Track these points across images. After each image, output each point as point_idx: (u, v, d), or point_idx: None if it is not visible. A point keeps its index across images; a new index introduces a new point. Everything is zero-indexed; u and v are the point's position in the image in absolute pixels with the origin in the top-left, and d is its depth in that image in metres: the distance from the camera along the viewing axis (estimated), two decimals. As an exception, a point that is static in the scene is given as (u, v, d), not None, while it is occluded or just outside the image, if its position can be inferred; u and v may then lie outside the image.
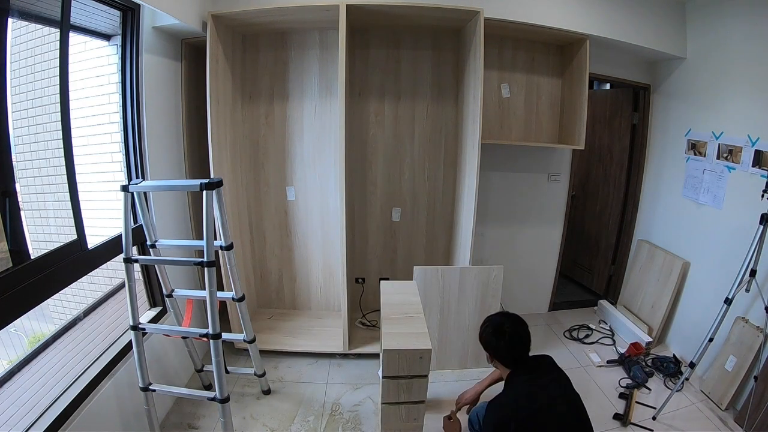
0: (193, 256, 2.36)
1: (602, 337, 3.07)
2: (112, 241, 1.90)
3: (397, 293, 1.96)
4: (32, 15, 1.56)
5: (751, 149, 2.30)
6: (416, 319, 1.72)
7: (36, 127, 1.70)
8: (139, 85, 2.08)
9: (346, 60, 2.26)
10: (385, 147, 2.86)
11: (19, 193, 1.49)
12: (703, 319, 2.42)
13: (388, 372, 1.54)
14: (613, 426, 2.22)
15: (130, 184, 1.76)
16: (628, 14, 2.59)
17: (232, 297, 2.07)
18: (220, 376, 1.81)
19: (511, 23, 2.43)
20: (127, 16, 2.01)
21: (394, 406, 1.61)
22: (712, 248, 2.58)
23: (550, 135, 2.93)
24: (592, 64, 2.58)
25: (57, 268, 1.56)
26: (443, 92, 2.77)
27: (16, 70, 1.54)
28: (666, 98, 2.99)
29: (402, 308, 1.81)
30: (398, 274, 3.09)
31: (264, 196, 2.93)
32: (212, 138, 2.32)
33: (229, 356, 2.64)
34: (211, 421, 2.16)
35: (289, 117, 2.78)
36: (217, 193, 1.79)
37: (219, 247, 1.94)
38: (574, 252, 3.89)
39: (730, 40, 2.46)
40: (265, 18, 2.35)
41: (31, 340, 1.80)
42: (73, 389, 1.67)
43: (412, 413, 1.64)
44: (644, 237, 3.23)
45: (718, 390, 2.35)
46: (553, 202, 3.17)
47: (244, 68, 2.70)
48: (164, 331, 1.98)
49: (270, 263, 3.06)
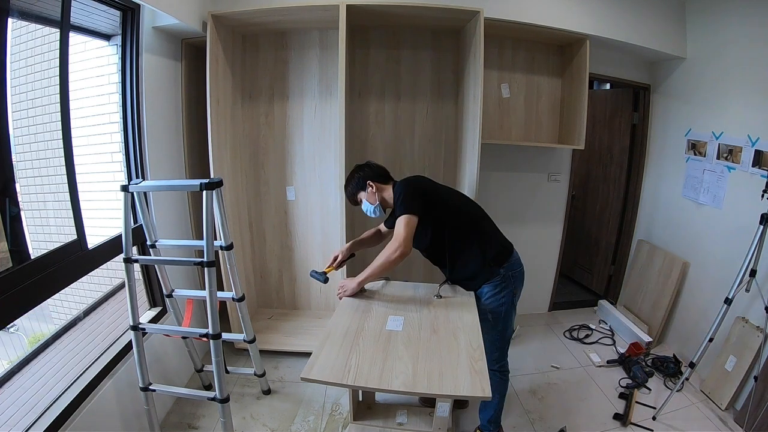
0: (193, 256, 2.36)
1: (602, 337, 3.07)
2: (112, 241, 1.90)
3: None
4: (32, 15, 1.56)
5: (751, 149, 2.30)
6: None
7: (36, 127, 1.70)
8: (139, 85, 2.08)
9: (346, 60, 2.26)
10: (385, 147, 2.86)
11: (19, 193, 1.49)
12: (703, 319, 2.42)
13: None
14: (613, 426, 2.22)
15: (130, 184, 1.76)
16: (628, 14, 2.60)
17: (232, 297, 2.07)
18: (220, 376, 1.81)
19: (511, 23, 2.43)
20: (127, 16, 2.01)
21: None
22: (712, 248, 2.58)
23: (550, 135, 2.93)
24: (592, 64, 2.58)
25: (57, 268, 1.56)
26: (443, 92, 2.77)
27: (16, 70, 1.55)
28: (666, 98, 2.99)
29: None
30: (398, 274, 3.09)
31: (264, 196, 2.93)
32: (212, 138, 2.32)
33: (229, 356, 2.64)
34: (211, 421, 2.16)
35: (289, 117, 2.78)
36: (217, 193, 1.79)
37: (219, 247, 1.94)
38: (574, 252, 3.89)
39: (730, 40, 2.46)
40: (265, 18, 2.36)
41: (31, 340, 1.80)
42: (73, 389, 1.67)
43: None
44: (644, 237, 3.23)
45: (718, 390, 2.35)
46: (553, 202, 3.17)
47: (244, 68, 2.70)
48: (164, 331, 1.97)
49: (270, 263, 3.06)
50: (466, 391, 1.41)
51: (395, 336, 1.70)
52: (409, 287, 2.18)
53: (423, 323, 1.80)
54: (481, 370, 1.50)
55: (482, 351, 1.61)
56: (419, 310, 1.92)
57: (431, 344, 1.65)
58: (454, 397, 1.61)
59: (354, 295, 1.90)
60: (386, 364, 1.52)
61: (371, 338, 1.68)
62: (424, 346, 1.63)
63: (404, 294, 2.08)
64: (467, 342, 1.67)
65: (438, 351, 1.61)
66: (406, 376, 1.46)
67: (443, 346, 1.64)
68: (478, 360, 1.55)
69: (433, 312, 1.90)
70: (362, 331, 1.73)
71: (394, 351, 1.60)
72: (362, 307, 1.94)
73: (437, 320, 1.83)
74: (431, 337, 1.70)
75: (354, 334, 1.70)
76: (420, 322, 1.82)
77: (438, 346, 1.64)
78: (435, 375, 1.47)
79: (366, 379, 1.45)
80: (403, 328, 1.76)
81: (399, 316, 1.85)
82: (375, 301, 2.01)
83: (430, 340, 1.68)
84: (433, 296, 2.05)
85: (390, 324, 1.78)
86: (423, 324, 1.80)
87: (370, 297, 2.05)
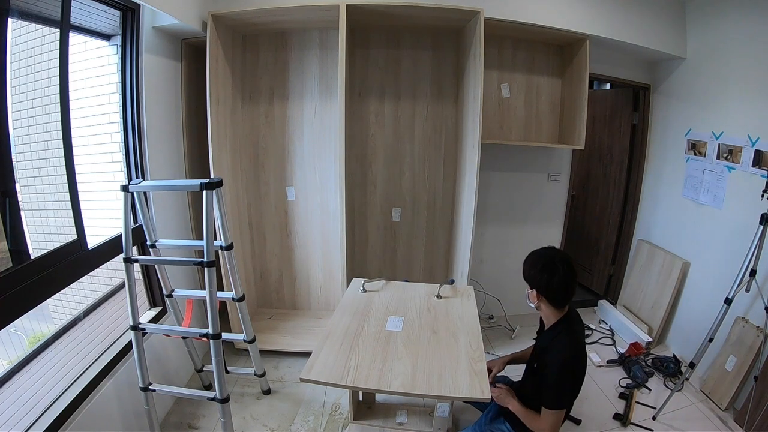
0: (193, 256, 2.36)
1: (602, 337, 3.07)
2: (112, 241, 1.90)
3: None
4: (32, 15, 1.56)
5: (751, 149, 2.30)
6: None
7: (36, 127, 1.70)
8: (139, 85, 2.08)
9: (346, 60, 2.26)
10: (385, 147, 2.86)
11: (19, 193, 1.49)
12: (703, 319, 2.42)
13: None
14: (613, 426, 2.22)
15: (130, 184, 1.76)
16: (628, 14, 2.59)
17: (232, 297, 2.07)
18: (220, 376, 1.81)
19: (511, 23, 2.43)
20: (127, 16, 2.01)
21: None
22: (712, 248, 2.58)
23: (550, 135, 2.93)
24: (592, 64, 2.57)
25: (57, 268, 1.56)
26: (443, 92, 2.77)
27: (16, 70, 1.54)
28: (666, 98, 2.99)
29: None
30: (398, 274, 3.09)
31: (264, 196, 2.93)
32: (212, 138, 2.32)
33: (229, 356, 2.64)
34: (211, 421, 2.16)
35: (289, 117, 2.78)
36: (217, 193, 1.79)
37: (219, 247, 1.94)
38: (574, 252, 3.88)
39: (730, 40, 2.46)
40: (265, 18, 2.35)
41: (31, 340, 1.80)
42: (73, 389, 1.67)
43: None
44: (644, 237, 3.23)
45: (718, 390, 2.35)
46: (553, 202, 3.17)
47: (244, 68, 2.70)
48: (164, 331, 1.97)
49: (270, 263, 3.06)
50: (466, 392, 1.42)
51: (395, 336, 1.71)
52: (409, 287, 2.18)
53: (423, 324, 1.81)
54: (481, 372, 1.50)
55: (482, 352, 1.61)
56: (419, 311, 1.92)
57: (431, 345, 1.66)
58: (453, 399, 1.61)
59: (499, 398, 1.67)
60: (386, 364, 1.53)
61: (371, 339, 1.68)
62: (423, 347, 1.64)
63: (404, 294, 2.09)
64: (467, 343, 1.67)
65: (438, 352, 1.61)
66: (405, 377, 1.47)
67: (443, 347, 1.64)
68: (477, 361, 1.56)
69: (433, 313, 1.91)
70: (362, 331, 1.74)
71: (394, 351, 1.61)
72: (362, 307, 1.94)
73: (437, 321, 1.84)
74: (431, 337, 1.71)
75: (354, 335, 1.70)
76: (420, 322, 1.82)
77: (438, 347, 1.64)
78: (434, 376, 1.48)
79: (365, 380, 1.45)
80: (403, 329, 1.76)
81: (399, 316, 1.86)
82: (375, 301, 2.01)
83: (429, 340, 1.69)
84: (433, 296, 2.06)
85: (390, 324, 1.79)
86: (423, 324, 1.80)
87: (370, 297, 2.05)
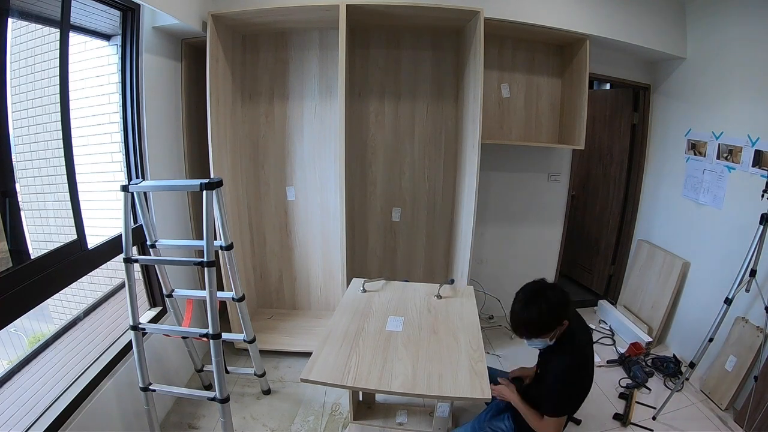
0: (193, 256, 2.36)
1: (602, 337, 3.07)
2: (112, 241, 1.90)
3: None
4: (32, 15, 1.56)
5: (751, 149, 2.30)
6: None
7: (36, 127, 1.70)
8: (139, 85, 2.08)
9: (346, 60, 2.26)
10: (385, 147, 2.86)
11: (19, 193, 1.49)
12: (703, 319, 2.42)
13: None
14: (613, 426, 2.22)
15: (130, 184, 1.76)
16: (628, 14, 2.59)
17: (232, 297, 2.07)
18: (220, 376, 1.81)
19: (511, 23, 2.43)
20: (127, 16, 2.01)
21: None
22: (712, 248, 2.58)
23: (550, 135, 2.93)
24: (592, 64, 2.57)
25: (57, 268, 1.56)
26: (443, 92, 2.77)
27: (16, 70, 1.54)
28: (666, 98, 2.99)
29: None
30: (398, 274, 3.09)
31: (264, 196, 2.93)
32: (212, 138, 2.32)
33: (229, 356, 2.64)
34: (211, 421, 2.16)
35: (289, 117, 2.78)
36: (217, 193, 1.79)
37: (219, 247, 1.94)
38: (574, 252, 3.89)
39: (730, 40, 2.46)
40: (265, 18, 2.35)
41: (31, 340, 1.80)
42: (73, 389, 1.67)
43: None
44: (644, 237, 3.23)
45: (718, 390, 2.35)
46: (553, 202, 3.17)
47: (244, 68, 2.70)
48: (164, 331, 1.97)
49: (270, 263, 3.06)
50: (466, 392, 1.42)
51: (395, 337, 1.70)
52: (409, 287, 2.18)
53: (423, 324, 1.81)
54: (481, 372, 1.50)
55: (482, 352, 1.61)
56: (419, 311, 1.92)
57: (431, 345, 1.66)
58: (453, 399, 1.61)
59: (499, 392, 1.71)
60: (386, 365, 1.53)
61: (371, 339, 1.68)
62: (424, 347, 1.64)
63: (404, 294, 2.09)
64: (467, 343, 1.67)
65: (438, 352, 1.61)
66: (405, 377, 1.47)
67: (443, 347, 1.64)
68: (478, 361, 1.56)
69: (433, 312, 1.90)
70: (362, 331, 1.73)
71: (394, 352, 1.61)
72: (362, 307, 1.94)
73: (437, 321, 1.83)
74: (431, 337, 1.71)
75: (354, 335, 1.70)
76: (420, 322, 1.82)
77: (438, 347, 1.64)
78: (435, 376, 1.48)
79: (365, 381, 1.45)
80: (403, 329, 1.76)
81: (399, 316, 1.86)
82: (375, 301, 2.01)
83: (430, 340, 1.69)
84: (433, 296, 2.05)
85: (390, 324, 1.79)
86: (423, 325, 1.80)
87: (370, 297, 2.05)
